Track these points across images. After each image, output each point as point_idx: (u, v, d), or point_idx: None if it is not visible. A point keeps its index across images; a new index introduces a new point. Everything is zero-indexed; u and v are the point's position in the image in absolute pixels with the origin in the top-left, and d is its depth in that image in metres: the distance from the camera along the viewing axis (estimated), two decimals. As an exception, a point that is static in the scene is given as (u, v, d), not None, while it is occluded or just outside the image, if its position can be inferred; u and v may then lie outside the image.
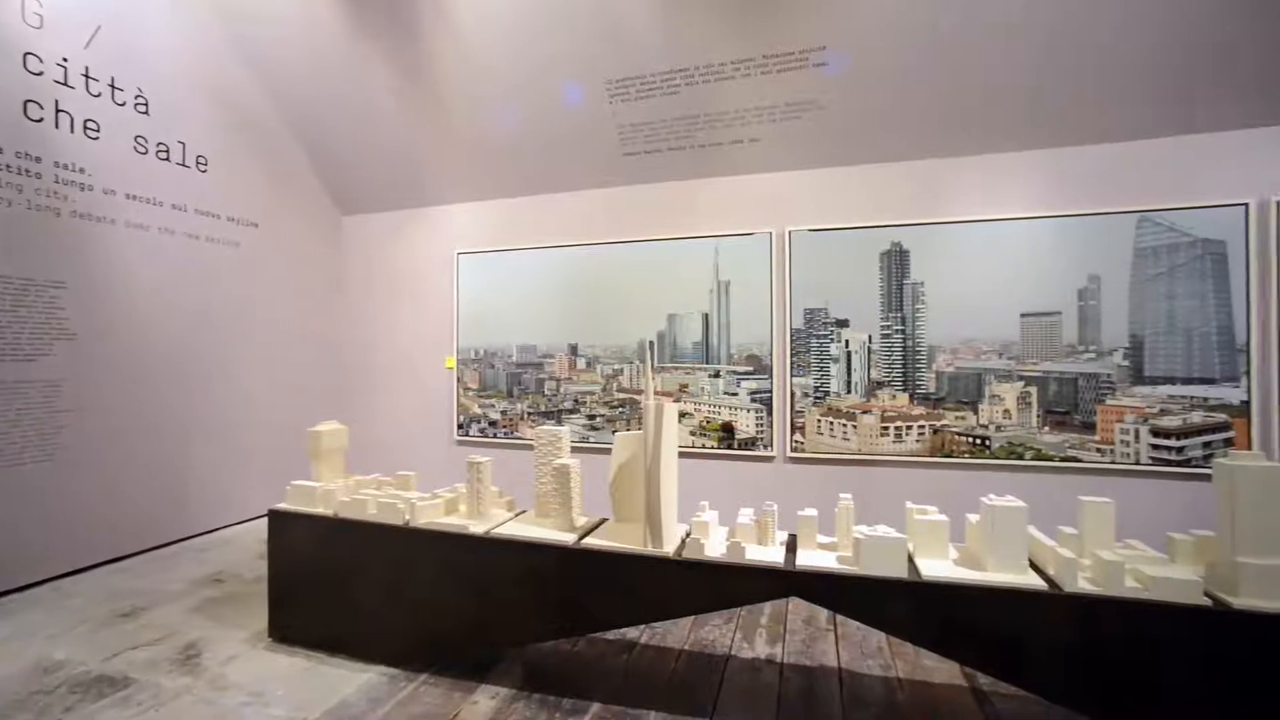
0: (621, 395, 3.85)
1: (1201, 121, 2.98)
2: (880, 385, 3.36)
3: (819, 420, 3.44)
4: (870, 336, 3.38)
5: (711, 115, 3.47)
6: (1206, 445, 2.93)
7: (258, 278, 4.13)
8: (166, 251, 3.57)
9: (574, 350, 3.96)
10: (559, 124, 3.70)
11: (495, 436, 4.13)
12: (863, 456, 3.36)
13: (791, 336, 3.50)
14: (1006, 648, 1.74)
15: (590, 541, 2.13)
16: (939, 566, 1.86)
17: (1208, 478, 2.61)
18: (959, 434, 3.24)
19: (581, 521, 2.33)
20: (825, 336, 3.45)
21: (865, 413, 3.35)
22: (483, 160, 4.04)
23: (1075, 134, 3.13)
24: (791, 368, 3.49)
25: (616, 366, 3.87)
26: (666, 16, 3.17)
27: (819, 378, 3.46)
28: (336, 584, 2.35)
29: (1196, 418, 2.95)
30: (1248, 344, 2.90)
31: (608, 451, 2.32)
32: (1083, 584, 1.70)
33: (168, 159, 3.58)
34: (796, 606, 2.87)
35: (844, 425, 3.39)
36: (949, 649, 1.86)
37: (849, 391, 3.41)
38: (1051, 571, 1.79)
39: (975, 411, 3.23)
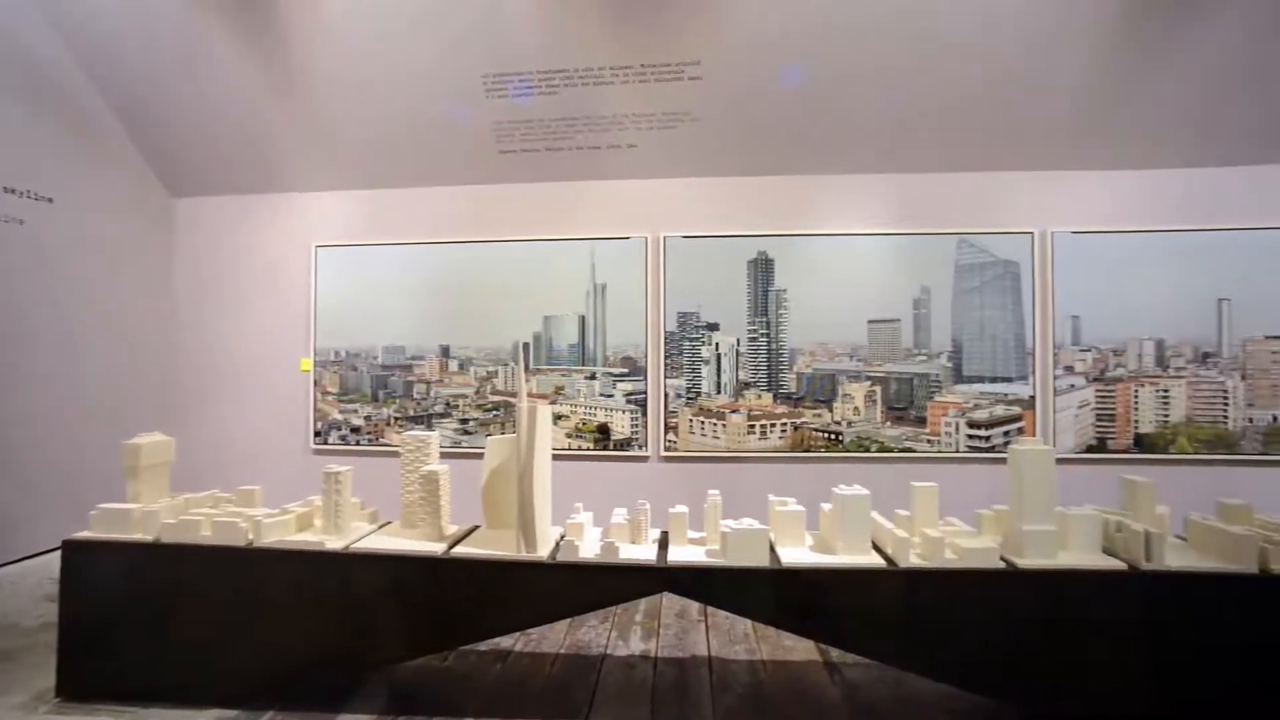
0: (496, 398, 3.75)
1: (1003, 161, 3.51)
2: (747, 386, 3.58)
3: (691, 420, 3.59)
4: (739, 339, 3.59)
5: (590, 119, 3.49)
6: (1006, 434, 3.45)
7: (51, 263, 3.48)
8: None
9: (446, 352, 3.79)
10: (431, 115, 3.53)
11: (358, 444, 3.84)
12: (731, 454, 3.55)
13: (665, 339, 3.61)
14: (853, 622, 1.93)
15: (461, 550, 2.05)
16: (797, 553, 2.01)
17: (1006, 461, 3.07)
18: (816, 430, 3.54)
19: (452, 530, 2.24)
20: (697, 339, 3.61)
21: (733, 412, 3.55)
22: (346, 146, 3.74)
23: (911, 163, 3.55)
24: (665, 369, 3.61)
25: (491, 369, 3.76)
26: (547, 15, 3.14)
27: (691, 379, 3.61)
28: (155, 622, 2.04)
29: (1000, 411, 3.47)
30: (1033, 348, 3.47)
31: (481, 456, 2.25)
32: (913, 559, 1.92)
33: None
34: (670, 601, 2.97)
35: (714, 424, 3.56)
36: (806, 628, 2.02)
37: (719, 392, 3.59)
38: (889, 550, 2.00)
39: (830, 409, 3.54)
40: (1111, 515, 2.05)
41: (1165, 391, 3.43)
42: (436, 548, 2.06)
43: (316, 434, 3.87)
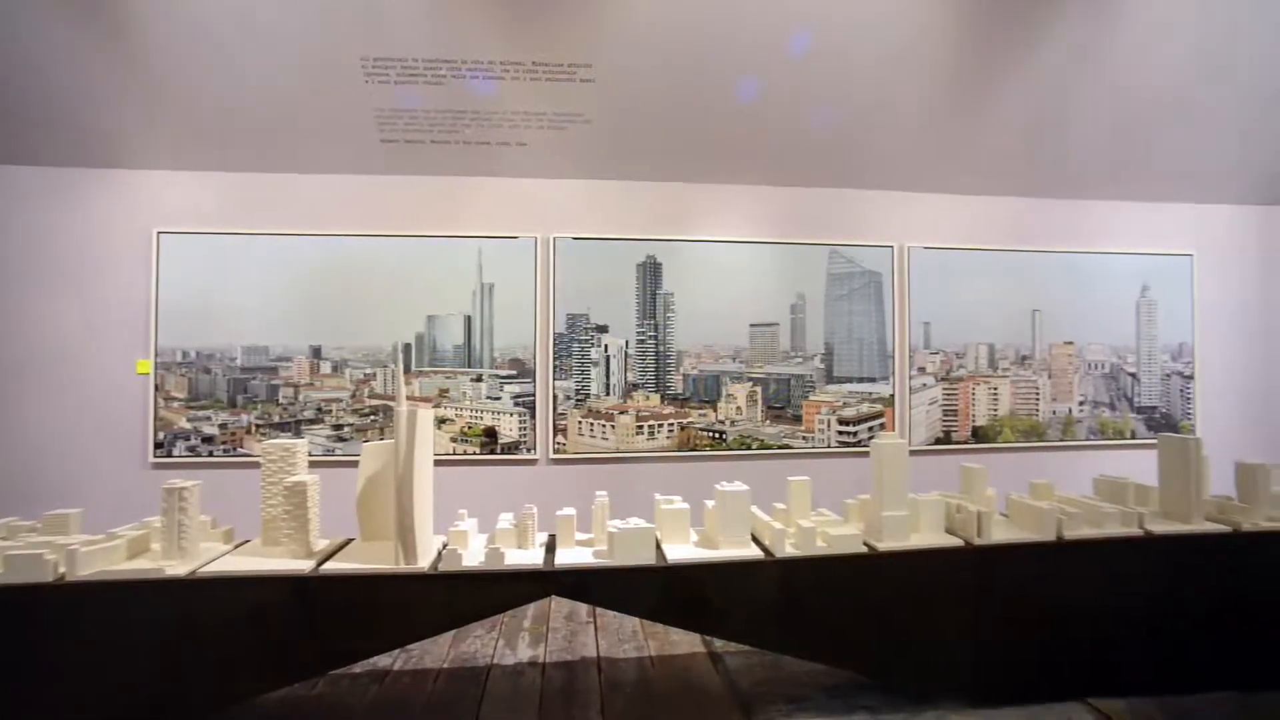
0: (374, 402, 3.51)
1: (869, 181, 3.85)
2: (635, 387, 3.64)
3: (580, 422, 3.58)
4: (627, 341, 3.64)
5: (479, 113, 3.38)
6: (870, 429, 3.79)
7: None
8: None
9: (317, 353, 3.50)
10: (301, 95, 3.24)
11: (210, 455, 3.44)
12: (620, 454, 3.59)
13: (555, 341, 3.59)
14: (734, 612, 2.02)
15: (332, 566, 1.91)
16: (682, 550, 2.07)
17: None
18: (701, 429, 3.67)
19: (322, 545, 2.07)
20: (586, 341, 3.62)
21: (622, 413, 3.60)
22: (197, 122, 3.32)
23: (789, 178, 3.79)
24: (554, 371, 3.58)
25: (369, 371, 3.52)
26: (435, 1, 3.00)
27: (580, 381, 3.61)
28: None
29: (865, 408, 3.80)
30: (893, 351, 3.84)
31: (357, 465, 2.10)
32: (789, 549, 2.05)
33: None
34: (559, 604, 2.95)
35: (603, 425, 3.59)
36: (691, 622, 2.09)
37: (608, 393, 3.62)
38: (767, 542, 2.12)
39: (715, 409, 3.69)
40: (953, 499, 2.31)
41: (995, 389, 3.94)
42: (303, 565, 1.90)
43: (158, 445, 3.41)
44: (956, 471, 2.52)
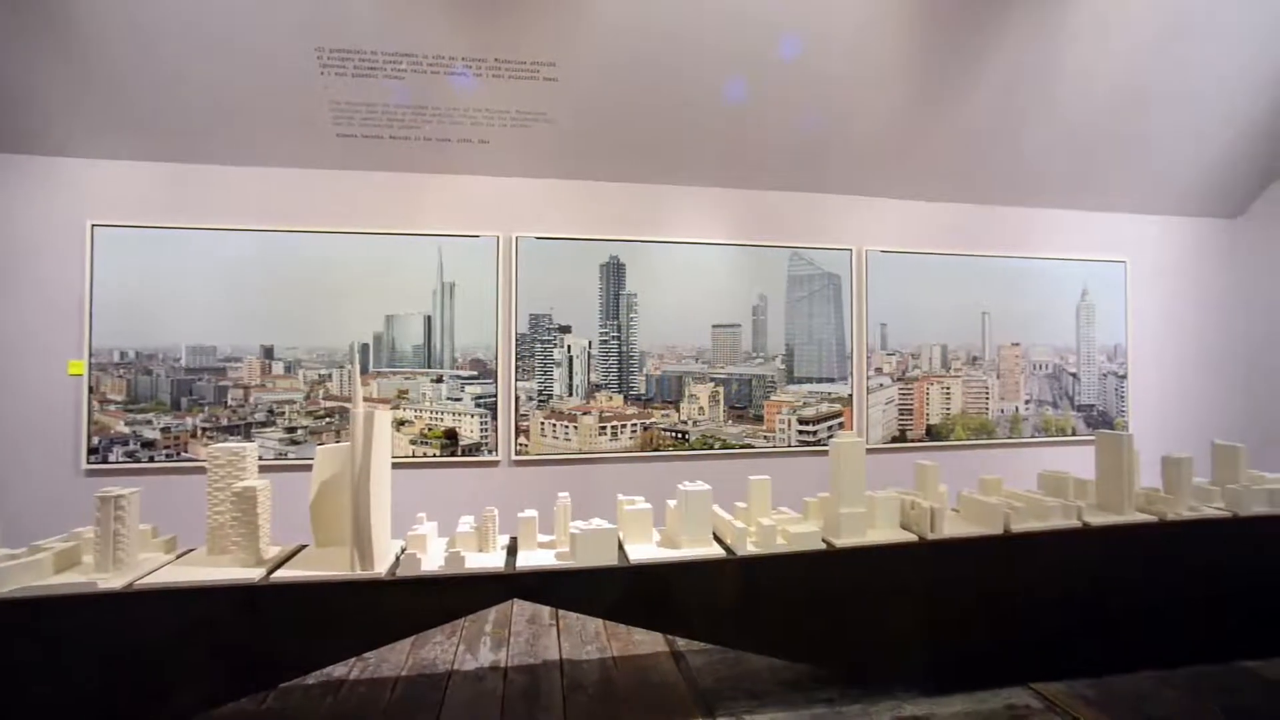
0: (330, 404, 3.41)
1: (828, 185, 3.94)
2: (599, 388, 3.63)
3: (542, 423, 3.56)
4: (590, 342, 3.63)
5: (440, 110, 3.32)
6: (829, 429, 3.88)
7: None
8: None
9: (269, 353, 3.37)
10: (253, 83, 3.11)
11: (151, 461, 3.27)
12: (583, 455, 3.58)
13: (517, 341, 3.55)
14: (697, 611, 2.04)
15: (284, 574, 1.84)
16: (644, 550, 2.08)
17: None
18: (664, 430, 3.69)
19: (273, 553, 2.00)
20: (549, 341, 3.59)
21: (585, 414, 3.58)
22: (137, 108, 3.16)
23: (751, 181, 3.85)
24: (517, 372, 3.54)
25: (324, 371, 3.41)
26: (390, -8, 2.93)
27: (543, 381, 3.58)
28: None
29: (824, 408, 3.88)
30: (851, 352, 3.94)
31: (311, 469, 2.03)
32: (750, 547, 2.08)
33: None
34: (521, 607, 2.92)
35: (566, 426, 3.57)
36: (654, 622, 2.10)
37: (570, 394, 3.60)
38: (729, 541, 2.14)
39: (677, 409, 3.71)
40: (907, 495, 2.39)
41: (947, 389, 4.08)
42: (253, 574, 1.83)
43: (92, 451, 3.23)
44: (912, 469, 2.60)
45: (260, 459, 2.15)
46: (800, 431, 3.84)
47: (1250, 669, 2.33)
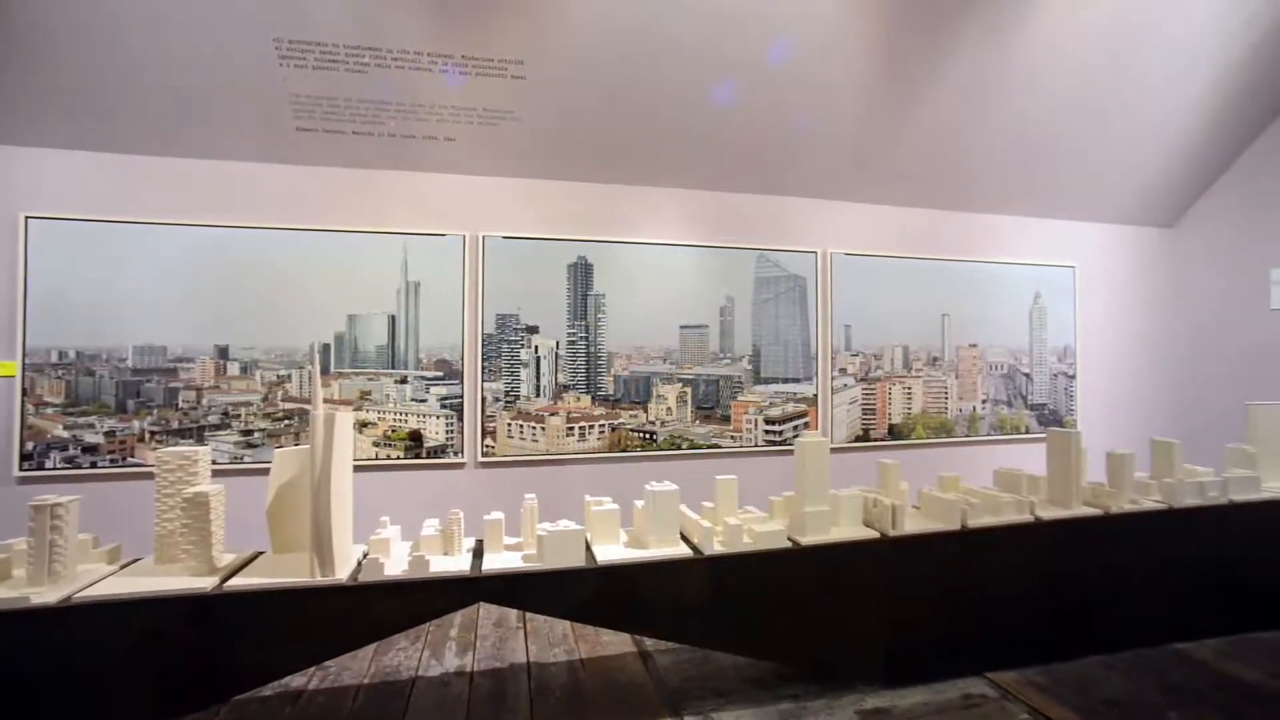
0: (289, 405, 3.30)
1: (794, 189, 4.00)
2: (566, 388, 3.61)
3: (509, 424, 3.52)
4: (558, 342, 3.61)
5: (405, 106, 3.25)
6: (795, 428, 3.94)
7: None
8: None
9: (224, 353, 3.25)
10: (210, 71, 2.99)
11: (94, 466, 3.11)
12: (551, 456, 3.56)
13: (484, 341, 3.50)
14: (665, 611, 2.04)
15: (238, 582, 1.77)
16: (612, 551, 2.07)
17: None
18: (632, 430, 3.69)
19: (227, 560, 1.93)
20: (516, 342, 3.55)
21: (552, 414, 3.56)
22: (80, 95, 3.00)
23: (718, 183, 3.88)
24: (483, 373, 3.49)
25: (283, 372, 3.30)
26: (352, -16, 2.86)
27: (509, 382, 3.54)
28: None
29: (790, 408, 3.94)
30: (816, 353, 4.01)
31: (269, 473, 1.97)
32: (717, 547, 2.10)
33: None
34: (487, 611, 2.88)
35: (533, 427, 3.54)
36: (622, 623, 2.09)
37: (538, 395, 3.57)
38: (696, 540, 2.16)
39: (645, 410, 3.72)
40: (870, 493, 2.44)
41: (909, 389, 4.19)
42: (204, 583, 1.76)
43: (25, 457, 3.05)
44: (875, 467, 2.66)
45: (214, 463, 2.06)
46: (766, 431, 3.89)
47: (1181, 650, 2.47)
